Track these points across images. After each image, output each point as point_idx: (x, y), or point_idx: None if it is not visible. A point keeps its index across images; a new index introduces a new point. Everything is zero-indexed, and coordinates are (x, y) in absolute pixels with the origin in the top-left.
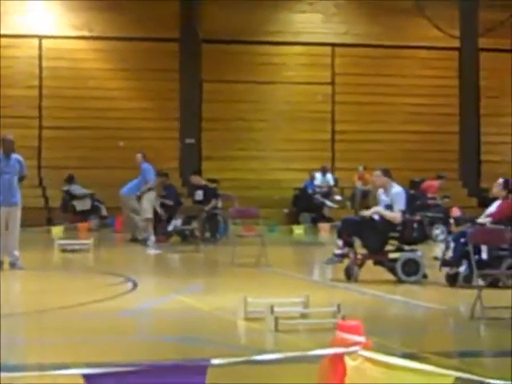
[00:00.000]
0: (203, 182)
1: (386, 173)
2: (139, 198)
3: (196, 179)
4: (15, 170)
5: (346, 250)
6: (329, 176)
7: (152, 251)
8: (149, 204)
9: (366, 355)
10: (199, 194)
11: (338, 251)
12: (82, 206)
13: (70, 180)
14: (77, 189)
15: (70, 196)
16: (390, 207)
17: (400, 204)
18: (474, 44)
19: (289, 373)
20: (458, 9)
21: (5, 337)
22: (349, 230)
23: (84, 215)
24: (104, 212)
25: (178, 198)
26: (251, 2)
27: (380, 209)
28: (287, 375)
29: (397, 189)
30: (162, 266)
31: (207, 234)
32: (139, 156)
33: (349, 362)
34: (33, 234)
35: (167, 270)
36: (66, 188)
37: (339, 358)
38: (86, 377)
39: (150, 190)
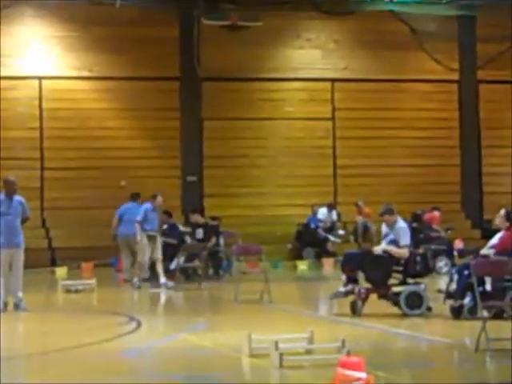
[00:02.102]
0: (202, 220)
1: (390, 211)
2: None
3: (195, 217)
4: (18, 211)
5: (350, 287)
6: (333, 211)
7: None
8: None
9: None
10: (199, 233)
11: (342, 289)
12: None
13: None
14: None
15: None
16: (394, 242)
17: (406, 239)
18: (473, 76)
19: None
20: (456, 42)
21: (9, 379)
22: (352, 265)
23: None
24: None
25: (180, 236)
26: (250, 40)
27: (388, 247)
28: None
29: (402, 224)
30: (165, 305)
31: (210, 272)
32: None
33: None
34: (36, 275)
35: (171, 308)
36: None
37: None
38: None
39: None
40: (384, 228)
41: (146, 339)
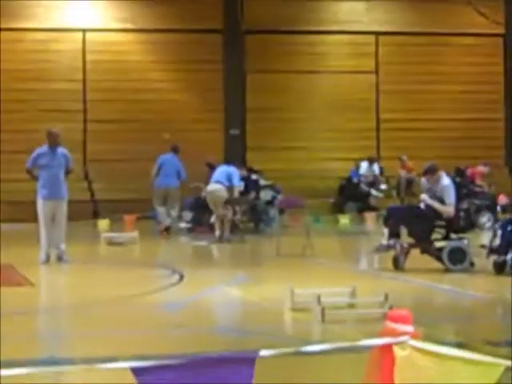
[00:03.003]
0: (245, 173)
1: (436, 170)
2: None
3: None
4: (61, 163)
5: (392, 241)
6: (375, 165)
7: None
8: None
9: (415, 345)
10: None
11: (384, 243)
12: (264, 196)
13: (252, 170)
14: (258, 179)
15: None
16: (438, 199)
17: (451, 197)
18: None
19: (337, 363)
20: None
21: (52, 330)
22: (394, 219)
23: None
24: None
25: None
26: None
27: (434, 203)
28: (335, 366)
29: (446, 181)
30: (207, 258)
31: (251, 225)
32: None
33: (398, 352)
34: (79, 227)
35: (213, 261)
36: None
37: (388, 348)
38: (135, 370)
39: None
40: (425, 182)
41: (188, 292)
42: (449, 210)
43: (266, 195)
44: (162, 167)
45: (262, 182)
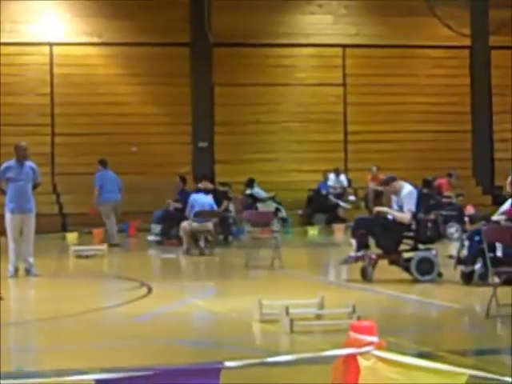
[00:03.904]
0: (211, 186)
1: (392, 180)
2: None
3: (204, 184)
4: (29, 177)
5: (360, 252)
6: (342, 177)
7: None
8: None
9: (379, 355)
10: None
11: (352, 254)
12: (265, 208)
13: (251, 184)
14: (260, 192)
15: (254, 199)
16: (401, 208)
17: (410, 204)
18: (485, 42)
19: (303, 374)
20: (468, 7)
21: (20, 343)
22: (362, 230)
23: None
24: (284, 214)
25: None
26: (261, 5)
27: (390, 209)
28: (302, 376)
29: (407, 189)
30: (175, 270)
31: (220, 237)
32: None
33: (362, 363)
34: (47, 240)
35: (182, 274)
36: (248, 191)
37: (353, 358)
38: (99, 382)
39: None
40: (394, 196)
41: (156, 304)
42: (405, 216)
43: (269, 207)
44: (105, 184)
45: (263, 195)
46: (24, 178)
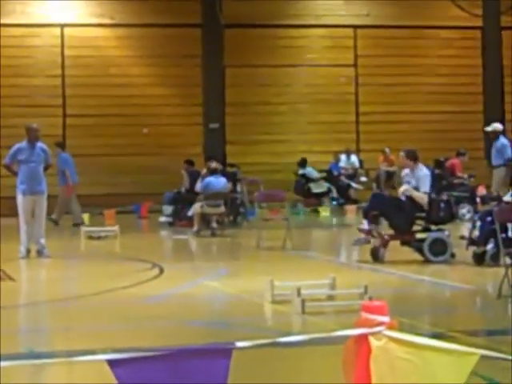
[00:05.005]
0: (220, 167)
1: (410, 155)
2: None
3: (212, 165)
4: (40, 158)
5: (371, 226)
6: (353, 158)
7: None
8: None
9: (391, 335)
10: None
11: (362, 226)
12: (317, 188)
13: (304, 164)
14: (312, 172)
15: (306, 179)
16: (416, 189)
17: (426, 186)
18: (496, 22)
19: (314, 354)
20: None
21: (32, 325)
22: (376, 209)
23: (318, 197)
24: (335, 194)
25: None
26: None
27: (409, 188)
28: (312, 357)
29: (423, 171)
30: (187, 251)
31: (230, 218)
32: None
33: (373, 343)
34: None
35: (193, 255)
36: (301, 171)
37: (364, 338)
38: (110, 362)
39: None
40: (406, 176)
41: (168, 285)
42: (422, 196)
43: (320, 187)
44: (70, 166)
45: (315, 175)
46: (36, 160)
